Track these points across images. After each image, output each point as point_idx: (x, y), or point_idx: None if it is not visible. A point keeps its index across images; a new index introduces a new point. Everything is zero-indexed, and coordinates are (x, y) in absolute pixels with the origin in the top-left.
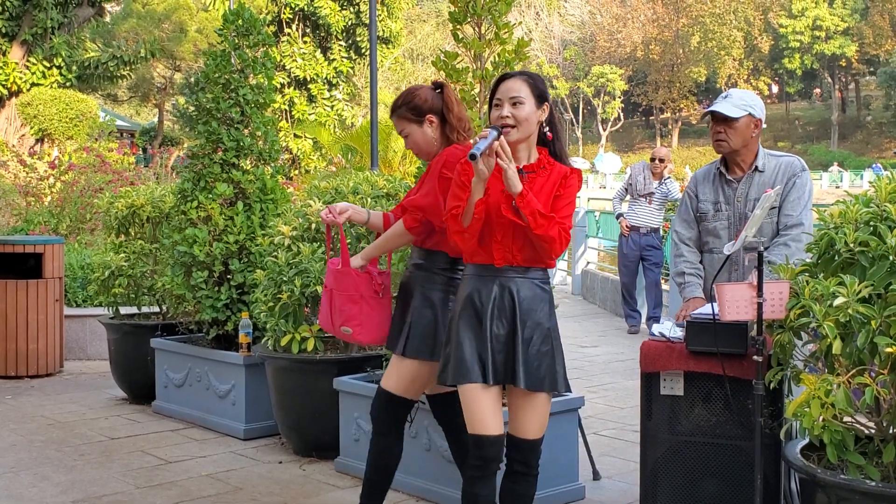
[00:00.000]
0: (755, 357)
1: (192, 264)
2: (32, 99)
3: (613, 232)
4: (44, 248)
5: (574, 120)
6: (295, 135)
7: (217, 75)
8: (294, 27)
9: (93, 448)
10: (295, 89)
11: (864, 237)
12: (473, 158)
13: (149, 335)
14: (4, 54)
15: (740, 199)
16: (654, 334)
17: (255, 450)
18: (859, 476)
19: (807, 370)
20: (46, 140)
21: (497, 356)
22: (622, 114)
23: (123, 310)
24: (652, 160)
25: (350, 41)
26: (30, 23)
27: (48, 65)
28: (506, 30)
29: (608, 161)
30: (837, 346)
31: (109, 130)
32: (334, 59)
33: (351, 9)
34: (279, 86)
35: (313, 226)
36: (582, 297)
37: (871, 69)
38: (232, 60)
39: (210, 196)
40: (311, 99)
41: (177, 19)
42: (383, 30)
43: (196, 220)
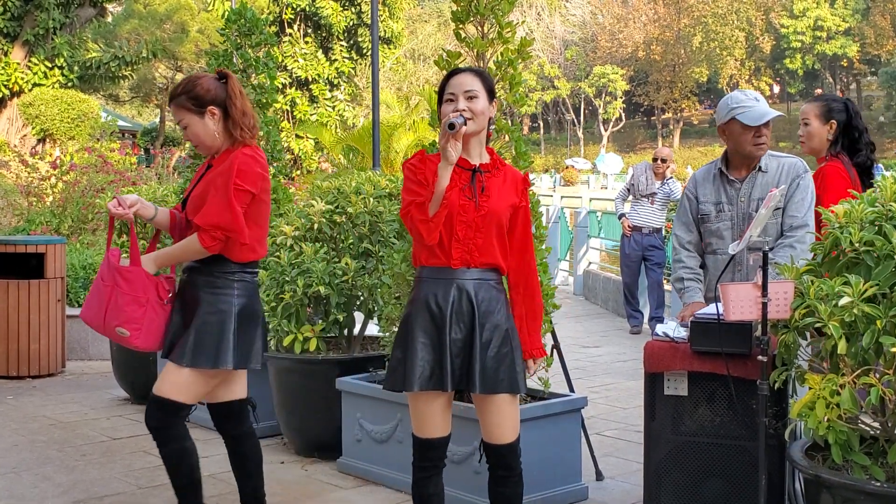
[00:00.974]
0: (759, 357)
1: None
2: (34, 99)
3: (615, 232)
4: (45, 249)
5: (575, 120)
6: (297, 135)
7: None
8: (296, 27)
9: (94, 448)
10: (296, 90)
11: (870, 237)
12: (453, 128)
13: None
14: (6, 54)
15: (743, 199)
16: (658, 334)
17: None
18: (864, 476)
19: (811, 370)
20: (48, 140)
21: (455, 360)
22: (624, 114)
23: None
24: (654, 160)
25: (351, 41)
26: (31, 23)
27: (50, 65)
28: (508, 29)
29: (610, 161)
30: (842, 346)
31: (111, 131)
32: (336, 60)
33: (352, 9)
34: (281, 86)
35: (315, 226)
36: (584, 298)
37: (873, 69)
38: (234, 60)
39: None
40: (313, 99)
41: (178, 20)
42: (385, 30)
43: None
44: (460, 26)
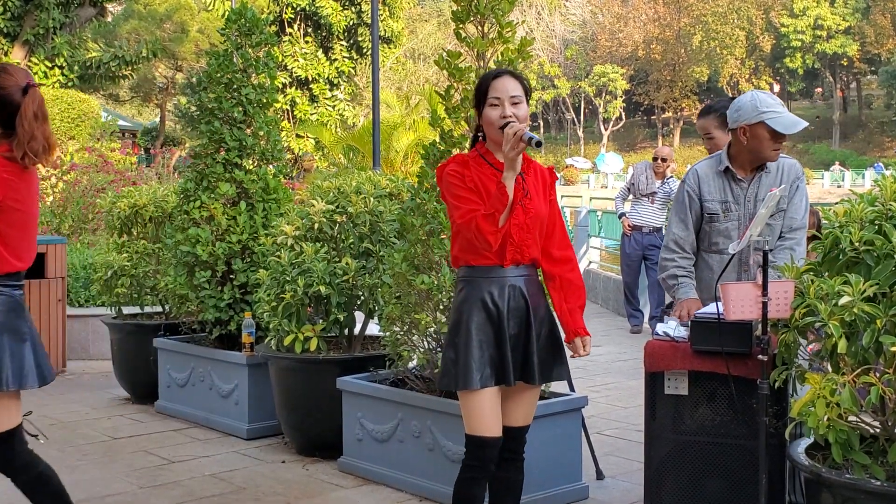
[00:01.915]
0: (760, 356)
1: (195, 264)
2: None
3: (616, 231)
4: (46, 248)
5: (576, 119)
6: (297, 135)
7: (220, 75)
8: (296, 27)
9: (96, 448)
10: (297, 89)
11: (870, 236)
12: (540, 146)
13: (152, 335)
14: (6, 54)
15: (750, 199)
16: (659, 333)
17: (259, 449)
18: (864, 475)
19: (811, 369)
20: None
21: (515, 356)
22: (624, 113)
23: (126, 310)
24: (654, 160)
25: (351, 41)
26: (31, 23)
27: (50, 65)
28: (509, 29)
29: (610, 160)
30: (843, 346)
31: (111, 130)
32: (336, 59)
33: (352, 8)
34: (281, 86)
35: (316, 226)
36: None
37: (873, 68)
38: (234, 60)
39: (213, 196)
40: (313, 99)
41: (178, 19)
42: (385, 29)
43: (199, 220)
44: (460, 26)
